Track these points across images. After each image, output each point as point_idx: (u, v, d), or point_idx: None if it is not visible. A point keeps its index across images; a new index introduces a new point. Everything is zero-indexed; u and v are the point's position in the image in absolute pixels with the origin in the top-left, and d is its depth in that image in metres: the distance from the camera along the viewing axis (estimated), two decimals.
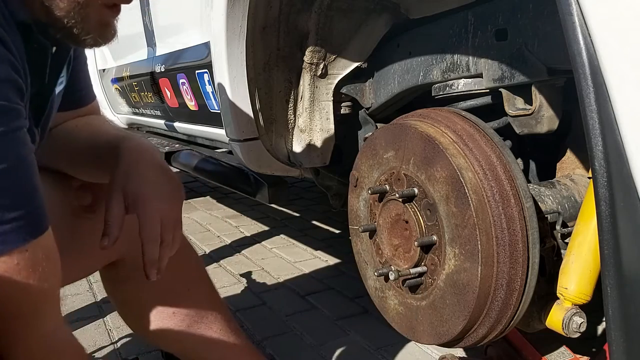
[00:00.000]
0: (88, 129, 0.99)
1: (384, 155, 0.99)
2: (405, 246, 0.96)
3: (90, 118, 1.04)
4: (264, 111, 1.34)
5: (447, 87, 1.04)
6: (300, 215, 2.95)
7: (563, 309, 0.88)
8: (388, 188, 0.98)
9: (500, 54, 0.92)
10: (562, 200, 0.98)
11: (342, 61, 1.28)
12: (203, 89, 1.76)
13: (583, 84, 0.56)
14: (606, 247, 0.58)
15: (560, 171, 1.07)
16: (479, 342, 0.91)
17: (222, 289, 1.95)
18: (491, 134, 0.90)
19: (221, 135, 1.65)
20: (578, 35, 0.56)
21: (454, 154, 0.86)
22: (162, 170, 0.89)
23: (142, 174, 0.85)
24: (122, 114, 3.10)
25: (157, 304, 1.09)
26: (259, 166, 1.45)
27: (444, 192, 0.86)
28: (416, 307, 0.95)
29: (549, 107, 0.91)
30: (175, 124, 2.33)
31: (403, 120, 0.99)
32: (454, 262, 0.86)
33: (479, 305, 0.84)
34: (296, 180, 2.84)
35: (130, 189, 0.84)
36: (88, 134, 0.98)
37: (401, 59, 1.16)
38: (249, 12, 1.19)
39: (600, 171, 0.57)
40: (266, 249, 2.42)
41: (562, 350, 1.07)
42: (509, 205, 0.83)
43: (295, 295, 1.92)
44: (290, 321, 1.71)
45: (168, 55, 2.08)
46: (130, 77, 2.58)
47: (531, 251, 0.84)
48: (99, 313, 1.78)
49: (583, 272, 0.86)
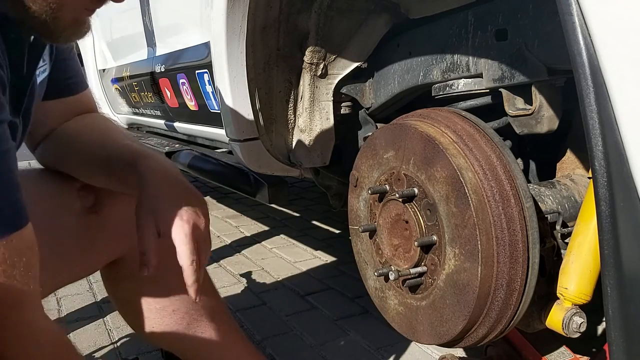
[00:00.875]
0: (95, 135, 0.98)
1: (384, 155, 0.99)
2: (405, 246, 0.96)
3: (94, 120, 1.03)
4: (264, 111, 1.34)
5: (447, 87, 1.04)
6: (300, 215, 2.95)
7: (563, 309, 0.88)
8: (388, 188, 0.98)
9: (500, 54, 0.92)
10: (562, 200, 0.98)
11: (342, 61, 1.28)
12: (203, 89, 1.76)
13: (583, 84, 0.56)
14: (606, 247, 0.58)
15: (560, 171, 1.07)
16: (479, 342, 0.91)
17: (222, 289, 1.95)
18: (491, 134, 0.90)
19: (221, 135, 1.65)
20: (578, 35, 0.56)
21: (454, 154, 0.86)
22: (187, 189, 0.89)
23: (170, 197, 0.85)
24: (122, 114, 3.10)
25: (157, 302, 1.09)
26: (259, 166, 1.45)
27: (444, 192, 0.86)
28: (416, 307, 0.95)
29: (549, 107, 0.91)
30: (175, 124, 2.33)
31: (403, 120, 0.99)
32: (454, 262, 0.86)
33: (479, 305, 0.84)
34: (296, 180, 2.84)
35: (162, 215, 0.83)
36: (97, 141, 0.97)
37: (401, 59, 1.16)
38: (249, 12, 1.19)
39: (600, 171, 0.57)
40: (266, 249, 2.42)
41: (562, 350, 1.07)
42: (509, 205, 0.83)
43: (295, 295, 1.92)
44: (290, 321, 1.71)
45: (168, 55, 2.08)
46: (131, 77, 2.58)
47: (531, 251, 0.84)
48: (99, 313, 1.78)
49: (583, 272, 0.86)
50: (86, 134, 0.99)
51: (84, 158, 0.97)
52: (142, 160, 0.88)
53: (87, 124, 1.01)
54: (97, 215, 1.00)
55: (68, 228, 0.96)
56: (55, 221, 0.95)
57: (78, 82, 1.02)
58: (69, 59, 0.98)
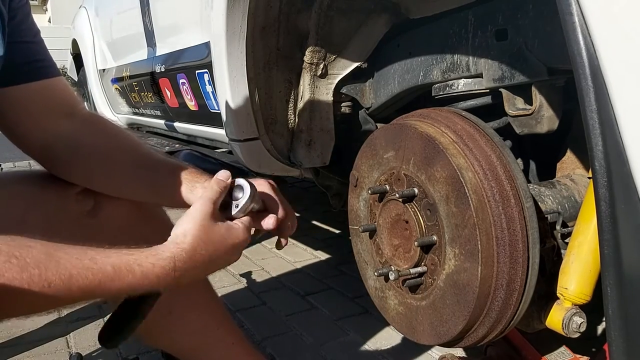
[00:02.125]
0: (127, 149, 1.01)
1: (384, 155, 0.99)
2: (405, 246, 0.96)
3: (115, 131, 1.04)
4: (264, 111, 1.34)
5: (447, 87, 1.04)
6: (300, 215, 2.95)
7: (563, 309, 0.88)
8: (388, 188, 0.98)
9: (500, 54, 0.92)
10: (562, 200, 0.98)
11: (342, 61, 1.28)
12: (203, 89, 1.76)
13: (583, 84, 0.56)
14: (606, 247, 0.58)
15: (560, 171, 1.07)
16: (479, 342, 0.91)
17: (222, 289, 1.95)
18: (491, 134, 0.90)
19: (221, 135, 1.65)
20: (578, 35, 0.56)
21: (454, 154, 0.86)
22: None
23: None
24: (122, 114, 3.10)
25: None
26: (259, 166, 1.45)
27: (444, 192, 0.86)
28: (416, 307, 0.95)
29: (549, 107, 0.91)
30: (175, 124, 2.33)
31: (403, 120, 0.99)
32: (454, 262, 0.86)
33: (479, 305, 0.84)
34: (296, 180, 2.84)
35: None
36: (132, 156, 1.00)
37: (401, 59, 1.16)
38: (249, 12, 1.19)
39: (600, 171, 0.57)
40: (266, 249, 2.42)
41: (562, 350, 1.07)
42: (509, 205, 0.83)
43: (295, 295, 1.92)
44: (290, 321, 1.71)
45: (168, 55, 2.08)
46: (131, 77, 2.58)
47: (531, 251, 0.84)
48: (99, 313, 1.78)
49: (583, 272, 0.86)
50: (118, 146, 1.00)
51: (118, 171, 0.99)
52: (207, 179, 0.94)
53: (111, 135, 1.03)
54: (95, 219, 1.00)
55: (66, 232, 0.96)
56: (53, 224, 0.95)
57: (49, 66, 0.99)
58: (35, 42, 0.96)
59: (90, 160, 0.98)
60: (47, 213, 0.96)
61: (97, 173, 0.99)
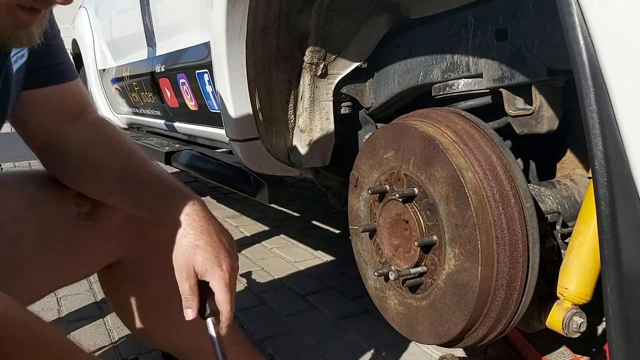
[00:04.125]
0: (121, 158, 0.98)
1: (384, 155, 0.99)
2: (405, 246, 0.96)
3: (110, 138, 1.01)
4: (264, 111, 1.34)
5: (447, 87, 1.04)
6: (300, 215, 2.95)
7: (563, 309, 0.88)
8: (388, 188, 0.98)
9: (500, 54, 0.92)
10: (562, 200, 0.98)
11: (342, 61, 1.28)
12: (203, 89, 1.76)
13: (583, 84, 0.56)
14: (606, 247, 0.58)
15: (560, 171, 1.07)
16: (479, 342, 0.91)
17: None
18: (491, 134, 0.90)
19: (221, 135, 1.65)
20: (578, 35, 0.56)
21: (454, 154, 0.86)
22: (222, 237, 0.92)
23: (211, 246, 0.88)
24: (122, 114, 3.10)
25: (154, 304, 1.09)
26: (259, 166, 1.45)
27: (444, 192, 0.86)
28: (416, 307, 0.95)
29: (549, 107, 0.90)
30: (175, 124, 2.33)
31: (403, 120, 0.99)
32: (454, 262, 0.86)
33: (479, 305, 0.84)
34: (296, 180, 2.84)
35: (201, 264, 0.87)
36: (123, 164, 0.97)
37: (401, 59, 1.16)
38: (249, 12, 1.19)
39: (600, 171, 0.57)
40: (266, 249, 2.42)
41: (562, 350, 1.07)
42: (509, 205, 0.83)
43: (295, 295, 1.92)
44: (290, 321, 1.71)
45: (168, 55, 2.08)
46: (131, 77, 2.58)
47: (531, 251, 0.84)
48: (99, 313, 1.78)
49: (583, 272, 0.86)
50: (108, 153, 0.98)
51: (103, 178, 0.97)
52: (181, 203, 0.90)
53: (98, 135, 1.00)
54: (93, 221, 1.00)
55: (64, 233, 0.96)
56: (52, 226, 0.95)
57: (68, 69, 1.00)
58: (54, 45, 0.95)
59: (79, 166, 0.97)
60: (45, 213, 0.96)
61: (85, 179, 0.98)
